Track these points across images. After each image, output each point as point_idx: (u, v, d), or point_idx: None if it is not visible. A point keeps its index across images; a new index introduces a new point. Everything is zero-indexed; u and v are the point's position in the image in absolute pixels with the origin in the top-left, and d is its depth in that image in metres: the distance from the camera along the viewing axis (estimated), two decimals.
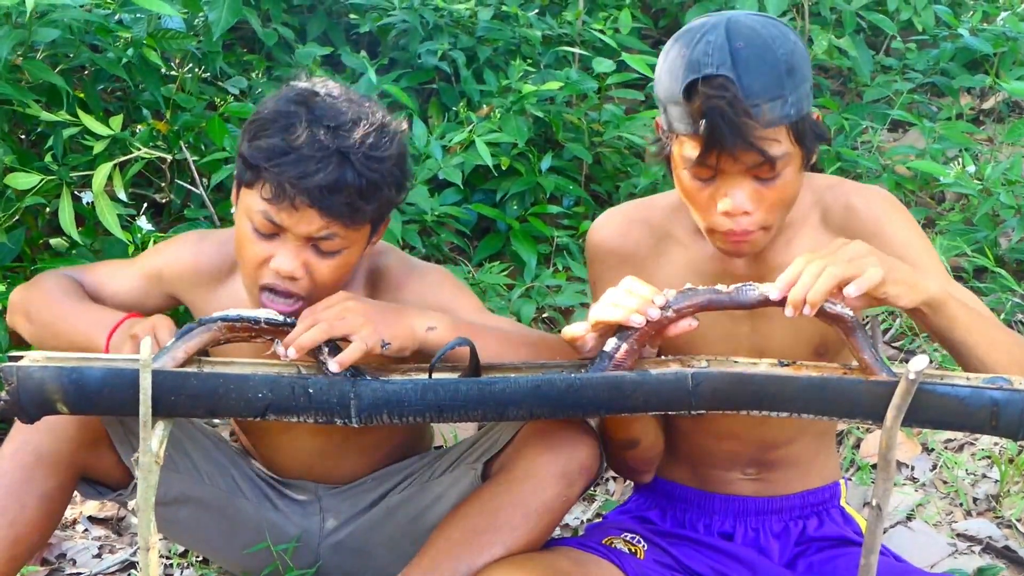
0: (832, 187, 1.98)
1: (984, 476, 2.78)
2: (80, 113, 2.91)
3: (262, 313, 1.80)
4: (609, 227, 2.07)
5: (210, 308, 2.08)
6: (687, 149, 1.80)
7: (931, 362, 1.66)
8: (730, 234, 1.83)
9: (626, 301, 1.74)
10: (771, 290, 1.71)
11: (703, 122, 1.73)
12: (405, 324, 1.84)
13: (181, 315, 2.33)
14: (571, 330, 1.79)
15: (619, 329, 1.75)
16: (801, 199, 1.92)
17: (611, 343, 1.75)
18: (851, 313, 1.70)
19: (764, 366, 1.76)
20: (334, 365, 1.75)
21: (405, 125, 1.96)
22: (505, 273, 3.47)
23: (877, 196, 1.96)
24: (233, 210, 1.98)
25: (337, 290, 1.92)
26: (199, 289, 2.12)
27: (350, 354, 1.76)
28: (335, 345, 1.78)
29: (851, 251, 1.70)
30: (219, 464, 2.20)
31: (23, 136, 3.26)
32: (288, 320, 1.80)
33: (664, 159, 1.89)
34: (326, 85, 1.93)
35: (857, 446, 2.89)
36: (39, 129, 3.14)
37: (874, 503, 1.73)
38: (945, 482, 2.77)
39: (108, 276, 2.16)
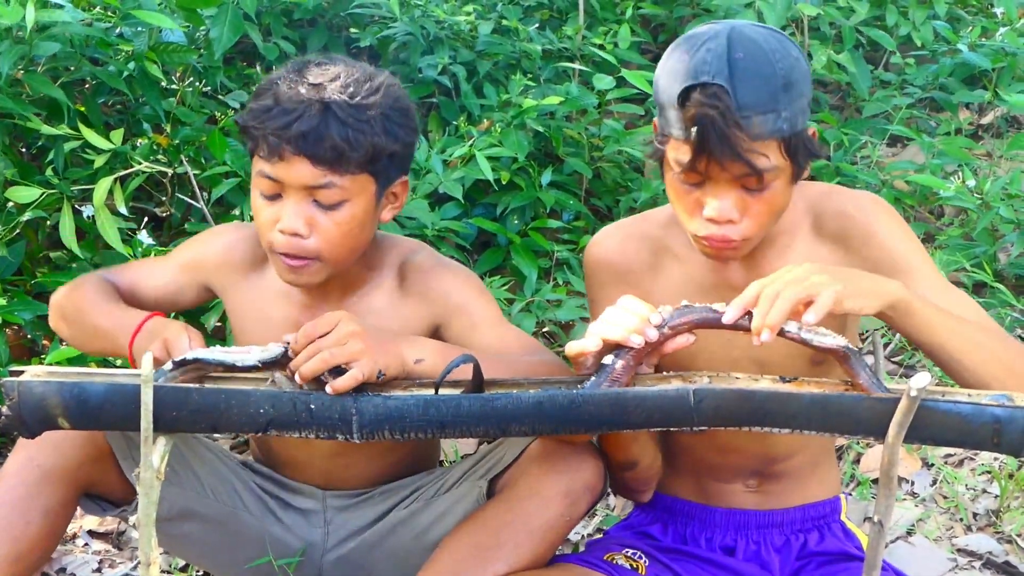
0: (824, 194, 2.00)
1: (984, 491, 2.78)
2: (81, 127, 2.91)
3: (255, 355, 1.80)
4: (606, 243, 2.08)
5: (240, 297, 2.13)
6: (678, 153, 1.82)
7: (932, 378, 1.65)
8: (711, 239, 1.85)
9: (624, 321, 1.75)
10: (727, 313, 1.73)
11: (694, 129, 1.76)
12: (396, 353, 1.84)
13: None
14: (577, 346, 1.79)
15: (617, 345, 1.76)
16: (794, 207, 1.95)
17: (608, 359, 1.76)
18: (841, 343, 1.70)
19: (766, 382, 1.76)
20: (329, 390, 1.76)
21: (393, 77, 2.00)
22: (505, 287, 3.46)
23: (868, 201, 1.98)
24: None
25: (350, 254, 1.98)
26: (232, 278, 2.14)
27: (344, 383, 1.76)
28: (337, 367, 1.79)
29: (802, 271, 1.73)
30: (223, 478, 2.20)
31: (24, 150, 3.27)
32: (285, 349, 1.80)
33: (658, 160, 1.91)
34: (328, 55, 2.00)
35: (857, 461, 2.89)
36: (40, 143, 3.14)
37: (876, 519, 1.73)
38: (945, 497, 2.77)
39: (144, 274, 2.19)
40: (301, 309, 2.08)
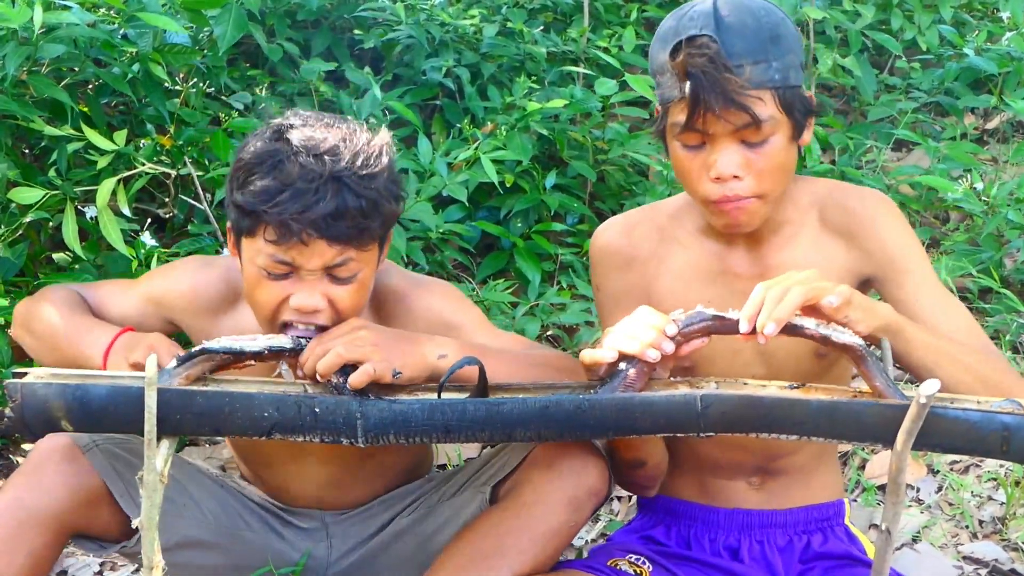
0: (831, 189, 2.03)
1: (990, 498, 2.76)
2: (84, 128, 2.90)
3: (262, 342, 1.80)
4: (612, 230, 2.10)
5: (212, 336, 2.03)
6: (676, 115, 1.85)
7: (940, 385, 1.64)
8: (723, 201, 1.87)
9: (641, 334, 1.75)
10: (741, 323, 1.72)
11: (688, 83, 1.79)
12: (417, 352, 1.84)
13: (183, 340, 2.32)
14: (593, 355, 1.78)
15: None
16: (799, 199, 1.99)
17: (622, 364, 1.75)
18: (858, 341, 1.70)
19: (773, 389, 1.75)
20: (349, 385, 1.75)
21: (388, 135, 1.94)
22: (509, 291, 3.46)
23: (873, 198, 2.01)
24: (225, 252, 1.96)
25: (358, 313, 1.92)
26: (199, 317, 2.09)
27: (359, 378, 1.75)
28: (348, 367, 1.78)
29: (805, 276, 1.75)
30: (221, 500, 2.17)
31: (27, 151, 3.26)
32: (298, 344, 1.79)
33: (660, 136, 1.93)
34: (297, 115, 1.91)
35: (862, 467, 2.88)
36: (43, 144, 3.14)
37: (883, 527, 1.72)
38: (951, 504, 2.76)
39: (111, 295, 2.14)
40: None
